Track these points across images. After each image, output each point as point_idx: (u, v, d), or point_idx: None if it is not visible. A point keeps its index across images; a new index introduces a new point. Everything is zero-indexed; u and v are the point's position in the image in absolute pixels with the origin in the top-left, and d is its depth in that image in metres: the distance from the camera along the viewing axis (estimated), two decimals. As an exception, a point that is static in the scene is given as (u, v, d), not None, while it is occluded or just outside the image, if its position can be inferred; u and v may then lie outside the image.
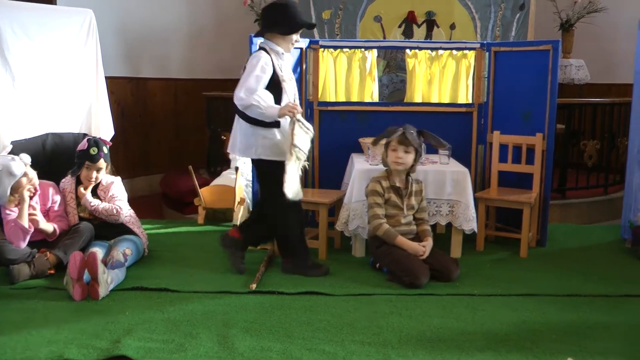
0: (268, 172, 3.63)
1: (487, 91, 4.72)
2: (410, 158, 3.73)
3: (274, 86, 3.51)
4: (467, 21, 5.83)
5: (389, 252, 3.65)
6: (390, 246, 3.67)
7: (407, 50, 4.86)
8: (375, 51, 4.85)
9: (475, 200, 4.18)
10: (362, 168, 4.05)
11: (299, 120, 3.44)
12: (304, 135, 3.49)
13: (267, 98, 3.47)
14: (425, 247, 3.68)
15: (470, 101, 4.82)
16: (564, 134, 5.58)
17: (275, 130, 3.55)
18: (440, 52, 4.81)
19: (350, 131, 4.69)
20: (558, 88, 4.41)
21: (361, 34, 5.81)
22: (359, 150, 4.54)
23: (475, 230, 4.09)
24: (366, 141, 4.42)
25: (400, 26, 5.86)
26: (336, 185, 4.55)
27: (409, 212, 3.77)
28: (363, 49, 4.78)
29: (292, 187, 3.43)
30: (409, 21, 5.84)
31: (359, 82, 4.82)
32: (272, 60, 3.52)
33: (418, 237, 3.79)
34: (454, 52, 4.78)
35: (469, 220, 4.02)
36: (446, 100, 4.85)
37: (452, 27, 5.84)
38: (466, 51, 4.76)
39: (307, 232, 3.99)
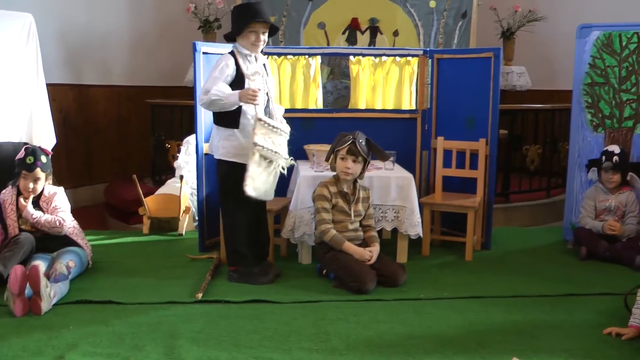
0: (225, 173, 3.67)
1: (431, 97, 4.82)
2: (358, 167, 3.76)
3: (238, 84, 3.57)
4: (411, 28, 5.94)
5: (336, 258, 3.68)
6: (337, 252, 3.70)
7: (351, 57, 4.92)
8: (319, 58, 4.90)
9: (420, 205, 4.25)
10: (307, 175, 4.07)
11: (260, 119, 3.48)
12: (270, 134, 3.51)
13: (225, 89, 3.52)
14: (372, 253, 3.72)
15: (414, 107, 4.92)
16: (507, 139, 5.75)
17: (236, 132, 3.60)
18: (384, 58, 4.89)
19: (295, 138, 4.60)
20: (500, 94, 4.54)
21: (305, 41, 5.86)
22: (304, 157, 4.57)
23: (421, 235, 4.15)
24: (311, 148, 4.46)
25: (344, 33, 5.93)
26: (281, 192, 4.54)
27: (356, 218, 3.81)
28: (307, 56, 4.82)
29: (256, 186, 3.47)
30: (353, 28, 5.92)
31: (303, 89, 4.86)
32: (237, 61, 3.58)
33: (365, 244, 3.83)
34: (398, 58, 4.88)
35: (414, 225, 4.08)
36: (390, 107, 4.93)
37: (396, 34, 5.95)
38: (409, 58, 4.86)
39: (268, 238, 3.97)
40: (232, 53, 3.63)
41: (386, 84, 4.93)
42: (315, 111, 4.87)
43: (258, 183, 3.49)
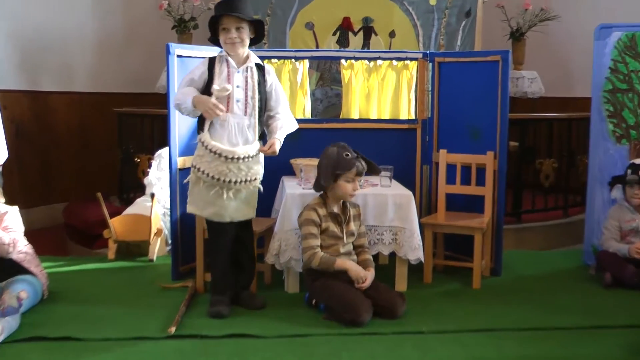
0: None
1: (432, 106, 4.87)
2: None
3: (206, 93, 3.64)
4: (409, 28, 6.00)
5: (326, 286, 3.68)
6: (328, 279, 3.70)
7: (343, 61, 4.96)
8: (307, 62, 4.94)
9: (421, 226, 4.27)
10: (294, 192, 4.08)
11: (201, 142, 3.62)
12: (215, 161, 3.59)
13: (188, 92, 3.62)
14: (368, 274, 3.73)
15: (413, 117, 4.96)
16: (518, 152, 5.79)
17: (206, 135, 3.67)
18: (379, 62, 4.93)
19: (281, 151, 4.67)
20: (510, 102, 4.59)
21: (291, 43, 5.90)
22: (291, 172, 4.58)
23: (422, 259, 4.17)
24: (298, 162, 4.48)
25: (334, 34, 5.98)
26: (265, 212, 4.55)
27: (348, 239, 3.83)
28: (293, 60, 4.86)
29: (199, 206, 3.68)
30: (344, 28, 5.97)
31: (290, 97, 4.88)
32: (213, 63, 3.68)
33: (359, 269, 3.84)
34: (394, 62, 4.92)
35: (414, 248, 4.10)
36: (386, 116, 4.97)
37: (392, 35, 6.00)
38: (407, 61, 4.91)
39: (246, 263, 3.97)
40: (213, 57, 3.72)
41: (382, 91, 4.98)
42: (303, 121, 4.85)
43: (201, 203, 3.67)
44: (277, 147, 3.74)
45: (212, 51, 4.57)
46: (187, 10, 6.71)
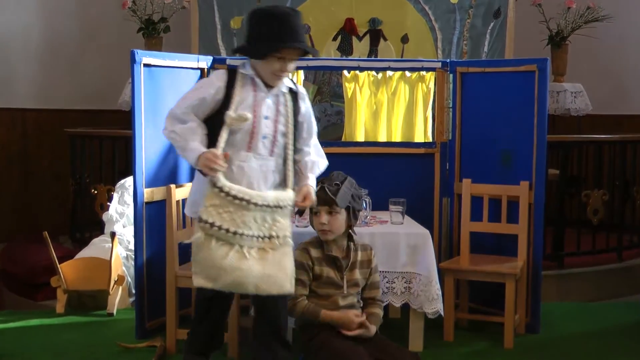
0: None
1: (453, 126, 4.96)
2: (339, 221, 3.77)
3: (217, 118, 3.47)
4: (425, 32, 6.05)
5: (324, 345, 3.65)
6: (327, 336, 3.70)
7: (345, 72, 5.06)
8: (302, 73, 5.06)
9: (440, 272, 4.32)
10: (286, 231, 4.16)
11: (214, 185, 3.36)
12: (229, 207, 3.38)
13: (190, 133, 3.44)
14: (360, 319, 3.72)
15: (430, 139, 5.06)
16: (560, 182, 5.87)
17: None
18: (389, 73, 5.03)
19: (271, 181, 4.82)
20: (549, 121, 4.68)
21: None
22: (283, 207, 4.66)
23: (442, 313, 4.19)
24: (292, 195, 4.55)
25: (335, 39, 6.03)
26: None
27: (350, 290, 3.83)
28: (286, 70, 4.98)
29: (210, 274, 3.37)
30: (347, 32, 6.01)
31: (282, 115, 5.00)
32: (233, 83, 3.50)
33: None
34: (408, 73, 5.03)
35: (432, 299, 4.13)
36: (398, 139, 5.07)
37: (405, 39, 6.06)
38: (423, 72, 5.00)
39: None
40: (232, 70, 3.56)
41: (392, 108, 5.07)
42: (297, 144, 4.99)
43: (214, 270, 3.36)
44: (314, 196, 3.61)
45: (189, 60, 4.70)
46: (157, 9, 6.74)
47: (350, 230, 3.86)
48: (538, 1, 6.90)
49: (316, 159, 3.75)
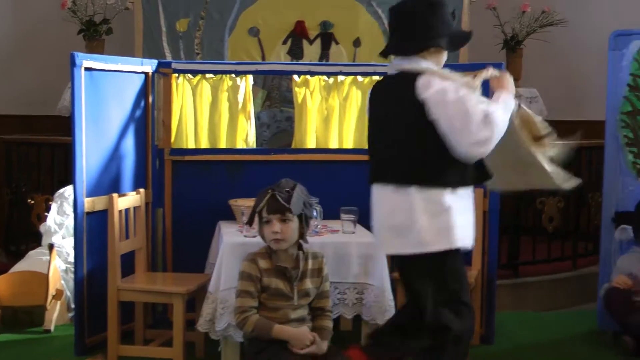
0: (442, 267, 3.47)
1: (406, 132, 5.03)
2: (292, 229, 3.75)
3: None
4: (378, 35, 6.10)
5: (272, 359, 3.73)
6: (276, 350, 3.70)
7: (295, 76, 5.06)
8: (251, 77, 5.04)
9: (393, 282, 4.32)
10: (233, 241, 4.13)
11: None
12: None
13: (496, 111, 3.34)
14: (312, 337, 3.71)
15: (383, 146, 5.11)
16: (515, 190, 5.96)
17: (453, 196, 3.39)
18: (341, 78, 5.05)
19: (217, 190, 4.82)
20: (503, 127, 4.77)
21: (231, 54, 5.96)
22: (230, 216, 4.64)
23: None
24: (239, 204, 4.54)
25: (285, 42, 6.05)
26: (197, 267, 4.63)
27: (301, 301, 3.81)
28: (234, 75, 4.96)
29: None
30: (298, 35, 6.03)
31: (229, 121, 4.99)
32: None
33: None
34: (360, 78, 5.05)
35: (384, 310, 4.13)
36: (350, 145, 5.09)
37: (357, 43, 6.10)
38: (376, 77, 4.97)
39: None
40: (427, 71, 3.40)
41: (344, 114, 5.09)
42: (245, 152, 4.99)
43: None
44: None
45: (132, 64, 4.68)
46: (98, 10, 6.69)
47: (301, 239, 3.84)
48: (493, 5, 6.98)
49: None
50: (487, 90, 3.62)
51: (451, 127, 3.29)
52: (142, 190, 4.60)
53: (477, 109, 3.27)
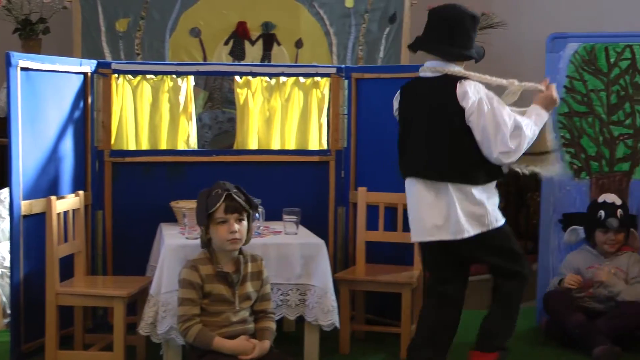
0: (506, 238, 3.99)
1: (348, 133, 5.03)
2: (246, 229, 3.79)
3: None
4: (320, 37, 6.11)
5: (215, 364, 3.70)
6: (217, 355, 3.71)
7: (237, 77, 5.05)
8: (192, 78, 5.02)
9: (336, 283, 4.35)
10: (175, 244, 4.10)
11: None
12: None
13: (524, 127, 3.80)
14: (253, 344, 3.72)
15: (325, 147, 5.11)
16: (456, 190, 6.01)
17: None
18: (283, 79, 5.05)
19: (158, 192, 4.79)
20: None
21: (172, 54, 5.91)
22: (171, 218, 4.62)
23: (338, 325, 4.21)
24: (180, 206, 4.51)
25: (227, 43, 6.01)
26: (138, 269, 4.60)
27: (242, 304, 3.81)
28: (175, 76, 4.93)
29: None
30: (239, 36, 6.01)
31: (170, 122, 4.96)
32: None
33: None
34: (302, 79, 5.06)
35: (327, 311, 4.15)
36: (292, 146, 5.09)
37: (299, 44, 6.09)
38: (318, 78, 5.04)
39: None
40: (459, 77, 3.78)
41: (286, 115, 5.09)
42: (187, 153, 4.96)
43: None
44: None
45: (71, 64, 4.62)
46: (35, 8, 6.57)
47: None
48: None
49: None
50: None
51: (483, 136, 3.71)
52: (81, 192, 4.53)
53: (508, 122, 3.70)
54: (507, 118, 3.72)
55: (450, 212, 3.80)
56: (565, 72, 5.07)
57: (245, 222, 3.78)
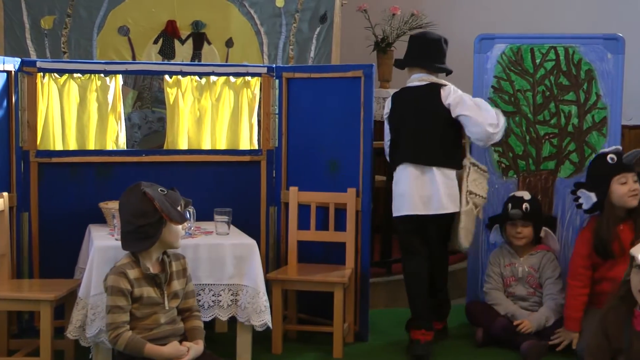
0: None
1: (280, 133, 5.02)
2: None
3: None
4: (250, 36, 6.10)
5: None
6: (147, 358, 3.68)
7: (167, 77, 5.01)
8: (120, 77, 4.95)
9: (268, 283, 4.35)
10: (104, 245, 4.06)
11: (473, 164, 4.63)
12: (480, 179, 4.68)
13: (498, 113, 4.58)
14: (187, 348, 3.71)
15: (256, 147, 5.10)
16: (386, 188, 6.01)
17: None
18: (213, 78, 5.02)
19: (87, 193, 4.72)
20: (375, 127, 4.82)
21: (100, 53, 5.82)
22: (100, 219, 4.57)
23: (270, 325, 4.22)
24: (109, 207, 4.45)
25: (156, 42, 5.96)
26: (66, 272, 4.52)
27: (171, 304, 3.81)
28: (103, 74, 4.86)
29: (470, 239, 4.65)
30: (169, 35, 5.95)
31: (98, 122, 4.89)
32: None
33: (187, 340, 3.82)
34: (232, 78, 5.03)
35: (259, 311, 4.15)
36: (223, 146, 5.06)
37: (229, 44, 6.07)
38: (249, 77, 5.03)
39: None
40: (442, 84, 4.63)
41: (217, 115, 5.07)
42: (116, 153, 4.89)
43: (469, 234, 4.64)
44: None
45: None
46: None
47: None
48: (364, 7, 7.07)
49: None
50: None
51: (472, 113, 4.46)
52: (5, 193, 4.41)
53: (488, 105, 4.59)
54: (480, 106, 4.52)
55: (434, 191, 4.49)
56: (493, 72, 5.16)
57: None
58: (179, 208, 3.77)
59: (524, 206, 4.75)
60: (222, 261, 4.20)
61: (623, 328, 3.30)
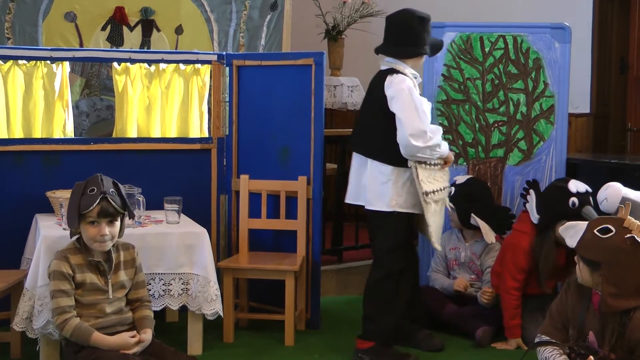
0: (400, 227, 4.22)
1: (230, 121, 5.00)
2: (117, 227, 3.77)
3: None
4: (200, 23, 6.08)
5: (94, 358, 3.62)
6: (94, 349, 3.64)
7: (115, 64, 4.96)
8: (67, 64, 4.88)
9: (219, 272, 4.34)
10: (51, 235, 4.02)
11: (420, 163, 4.16)
12: (433, 173, 4.21)
13: (438, 132, 4.16)
14: (136, 339, 3.68)
15: (206, 135, 5.08)
16: (337, 176, 6.03)
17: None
18: (163, 66, 4.99)
19: (33, 182, 4.64)
20: (326, 115, 4.87)
21: (45, 39, 5.75)
22: (48, 209, 4.51)
23: (221, 313, 4.23)
24: (57, 196, 4.40)
25: (104, 28, 5.92)
26: (12, 263, 4.46)
27: (116, 293, 3.79)
28: (49, 61, 4.79)
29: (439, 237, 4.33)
30: (117, 21, 5.92)
31: (44, 110, 4.82)
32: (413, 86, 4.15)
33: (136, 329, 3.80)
34: (182, 66, 5.01)
35: (210, 300, 4.15)
36: (173, 134, 5.04)
37: (179, 31, 6.05)
38: (198, 65, 5.00)
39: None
40: (398, 72, 4.16)
41: (167, 103, 5.04)
42: (63, 142, 4.81)
43: (439, 232, 4.34)
44: None
45: None
46: None
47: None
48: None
49: None
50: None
51: (402, 113, 4.04)
52: (-51, 183, 4.34)
53: (424, 114, 4.09)
54: (424, 111, 4.10)
55: (366, 184, 4.22)
56: (443, 60, 5.18)
57: (117, 223, 3.77)
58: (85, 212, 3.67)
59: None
60: (172, 250, 4.19)
61: (581, 303, 3.39)
